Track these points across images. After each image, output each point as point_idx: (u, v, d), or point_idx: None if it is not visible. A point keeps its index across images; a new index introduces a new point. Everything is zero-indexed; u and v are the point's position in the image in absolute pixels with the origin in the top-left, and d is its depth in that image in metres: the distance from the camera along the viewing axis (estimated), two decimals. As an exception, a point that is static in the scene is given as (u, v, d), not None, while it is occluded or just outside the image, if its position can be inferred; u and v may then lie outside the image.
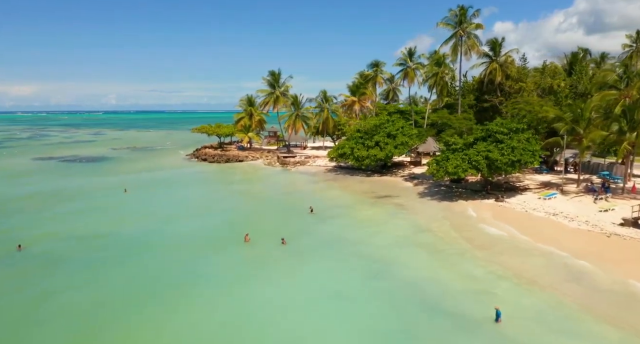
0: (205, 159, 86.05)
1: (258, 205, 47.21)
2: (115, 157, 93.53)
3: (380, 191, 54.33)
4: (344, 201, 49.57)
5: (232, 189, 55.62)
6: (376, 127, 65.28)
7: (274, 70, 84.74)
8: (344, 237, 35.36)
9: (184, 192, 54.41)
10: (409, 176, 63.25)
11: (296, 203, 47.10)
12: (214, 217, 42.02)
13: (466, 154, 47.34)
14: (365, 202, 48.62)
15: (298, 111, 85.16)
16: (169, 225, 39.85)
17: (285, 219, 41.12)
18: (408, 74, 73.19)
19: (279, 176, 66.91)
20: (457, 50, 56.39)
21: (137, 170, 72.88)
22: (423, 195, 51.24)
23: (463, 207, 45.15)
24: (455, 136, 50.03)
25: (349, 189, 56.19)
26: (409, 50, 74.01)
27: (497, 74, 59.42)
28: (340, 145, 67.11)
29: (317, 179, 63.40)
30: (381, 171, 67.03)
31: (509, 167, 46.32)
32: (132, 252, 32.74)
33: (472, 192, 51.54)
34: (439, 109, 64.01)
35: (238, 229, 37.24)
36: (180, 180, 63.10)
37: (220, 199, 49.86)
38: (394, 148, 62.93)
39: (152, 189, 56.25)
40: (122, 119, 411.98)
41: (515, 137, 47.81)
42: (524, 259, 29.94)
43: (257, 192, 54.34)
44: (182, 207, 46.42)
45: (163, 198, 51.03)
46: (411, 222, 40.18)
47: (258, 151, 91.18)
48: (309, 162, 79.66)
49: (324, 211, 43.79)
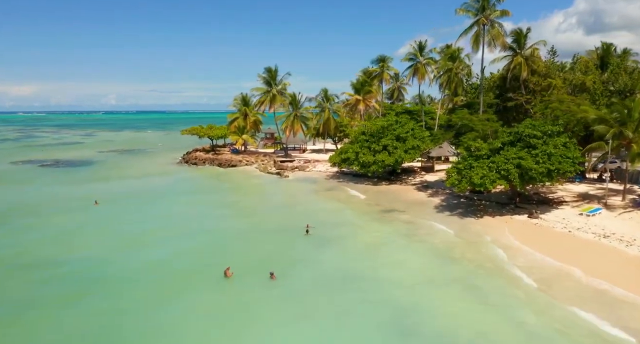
0: (196, 164, 78.79)
1: (246, 223, 39.85)
2: (99, 161, 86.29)
3: (389, 203, 47.02)
4: (347, 216, 42.25)
5: (219, 202, 48.24)
6: (383, 129, 58.01)
7: (270, 67, 77.48)
8: (348, 270, 28.02)
9: (163, 205, 47.09)
10: (421, 184, 55.89)
11: (291, 220, 39.81)
12: (193, 240, 34.68)
13: (493, 162, 40.00)
14: (372, 218, 41.29)
15: (296, 110, 77.73)
16: (136, 251, 32.59)
17: (277, 243, 33.77)
18: (418, 70, 65.91)
19: (274, 185, 59.57)
20: (479, 41, 49.13)
21: (117, 177, 65.60)
22: (440, 209, 43.87)
23: (491, 225, 37.79)
24: (478, 140, 42.72)
25: (352, 201, 48.86)
26: (419, 44, 66.80)
27: (523, 69, 52.00)
28: (343, 149, 59.82)
29: (316, 188, 56.06)
30: (389, 178, 59.70)
31: (544, 177, 39.04)
32: (79, 290, 25.56)
33: (498, 205, 44.20)
34: (458, 109, 56.59)
35: (219, 258, 30.09)
36: (162, 190, 55.78)
37: (203, 215, 42.52)
38: (404, 153, 55.63)
39: (128, 201, 48.95)
40: (121, 119, 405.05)
41: (550, 142, 40.52)
42: (596, 307, 22.53)
43: (247, 205, 46.95)
44: (156, 226, 39.08)
45: (137, 213, 43.72)
46: (430, 247, 32.80)
47: (253, 154, 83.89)
48: (309, 167, 72.37)
49: (324, 230, 36.50)
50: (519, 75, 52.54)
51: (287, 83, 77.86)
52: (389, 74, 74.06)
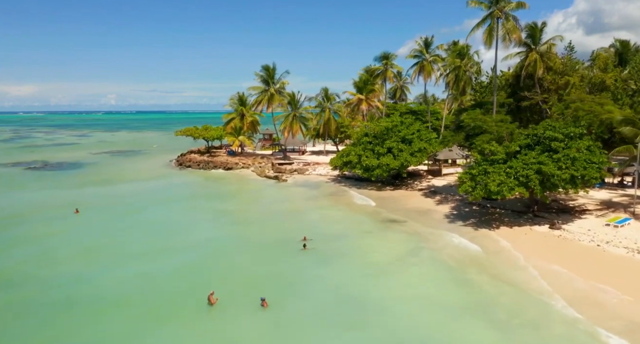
0: (190, 166, 74.97)
1: (238, 235, 36.11)
2: (89, 163, 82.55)
3: (394, 210, 43.28)
4: (348, 226, 38.49)
5: (210, 210, 44.45)
6: (388, 131, 54.28)
7: (268, 64, 73.61)
8: (350, 297, 24.21)
9: (149, 214, 43.31)
10: (428, 189, 52.13)
11: (288, 231, 36.08)
12: (176, 257, 30.93)
13: (511, 167, 36.25)
14: (376, 229, 37.53)
15: (295, 111, 73.96)
16: (111, 268, 28.86)
17: (271, 261, 30.00)
18: (424, 68, 62.16)
19: (271, 190, 55.80)
20: (493, 36, 45.30)
21: (105, 181, 61.85)
22: (451, 218, 40.12)
23: (509, 238, 34.05)
24: (493, 142, 38.97)
25: (355, 208, 45.12)
26: (425, 40, 62.99)
27: (538, 67, 48.19)
28: (345, 151, 56.06)
29: (316, 194, 52.30)
30: (394, 182, 56.00)
31: (567, 184, 35.30)
32: (37, 317, 21.91)
33: (514, 214, 40.46)
34: (469, 109, 52.76)
35: (204, 277, 26.50)
36: (151, 196, 52.00)
37: (192, 226, 38.74)
38: (410, 156, 51.86)
39: (112, 209, 45.21)
40: (119, 119, 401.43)
41: (573, 145, 36.78)
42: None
43: (240, 214, 43.16)
44: (138, 239, 35.37)
45: (119, 223, 39.96)
46: (443, 265, 29.01)
47: (250, 156, 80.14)
48: (308, 170, 68.64)
49: (323, 244, 32.79)
50: (534, 73, 48.74)
51: (285, 82, 74.15)
52: (393, 72, 70.27)
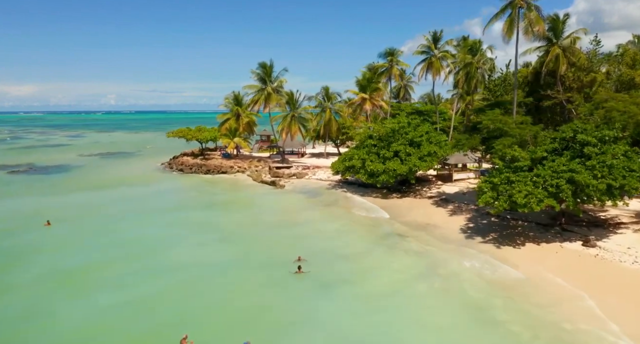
0: (182, 170, 70.46)
1: (223, 256, 31.44)
2: (76, 166, 78.05)
3: (402, 223, 38.80)
4: (349, 243, 33.87)
5: (196, 223, 39.79)
6: (394, 133, 49.76)
7: (265, 62, 68.80)
8: (351, 339, 19.69)
9: (127, 227, 38.66)
10: (439, 196, 47.57)
11: (281, 249, 31.64)
12: (149, 285, 26.39)
13: (538, 176, 31.71)
14: (381, 247, 32.88)
15: (294, 111, 69.34)
16: (71, 299, 24.47)
17: (259, 290, 25.41)
18: (433, 65, 57.48)
19: (267, 198, 51.23)
20: (514, 27, 40.64)
21: (88, 187, 57.33)
22: (468, 233, 35.57)
23: (538, 258, 29.53)
24: (515, 147, 34.46)
25: (357, 220, 40.48)
26: (433, 34, 58.30)
27: (561, 63, 43.63)
28: (347, 155, 51.51)
29: (315, 203, 47.71)
30: (400, 188, 51.46)
31: (604, 195, 30.75)
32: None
33: (539, 227, 35.94)
34: (486, 109, 48.12)
35: (177, 315, 22.01)
36: (133, 204, 47.42)
37: (172, 244, 34.05)
38: (418, 160, 47.36)
39: (88, 221, 40.75)
40: (118, 119, 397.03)
41: (608, 151, 32.22)
42: None
43: (229, 228, 38.51)
44: (109, 260, 30.79)
45: (92, 239, 35.44)
46: (462, 297, 24.23)
47: (247, 159, 75.60)
48: (308, 174, 64.14)
49: (320, 265, 28.41)
50: (557, 69, 44.17)
51: (283, 80, 69.49)
52: (399, 70, 65.60)
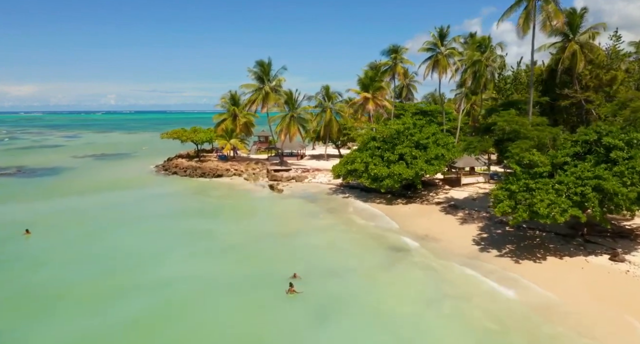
0: (176, 173, 67.52)
1: (212, 271, 28.45)
2: (67, 168, 75.15)
3: (409, 233, 35.80)
4: (349, 256, 30.90)
5: (185, 232, 36.77)
6: (399, 134, 46.88)
7: (262, 60, 65.92)
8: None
9: (112, 237, 35.75)
10: (447, 203, 44.64)
11: (275, 263, 28.85)
12: (125, 306, 23.53)
13: (561, 183, 28.79)
14: (384, 262, 29.91)
15: (293, 111, 66.34)
16: (41, 322, 21.61)
17: (247, 314, 22.51)
18: (439, 63, 54.54)
19: (264, 203, 48.33)
20: (530, 20, 37.54)
21: (76, 191, 54.45)
22: (481, 245, 32.64)
23: (562, 275, 26.66)
24: (533, 150, 31.55)
25: (359, 230, 37.49)
26: (439, 31, 55.35)
27: (579, 59, 40.69)
28: (349, 158, 48.57)
29: (314, 209, 44.74)
30: (405, 193, 48.53)
31: (634, 204, 27.88)
32: None
33: (559, 238, 33.05)
34: (499, 109, 45.08)
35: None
36: (121, 211, 44.44)
37: (158, 257, 31.11)
38: (425, 164, 44.48)
39: (71, 229, 37.87)
40: (117, 119, 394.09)
41: (637, 155, 29.32)
42: None
43: (221, 238, 35.44)
44: (92, 274, 28.00)
45: (73, 250, 32.59)
46: (476, 328, 21.27)
47: (244, 161, 72.69)
48: (307, 177, 61.22)
49: (317, 283, 25.65)
50: (574, 67, 41.21)
51: (282, 79, 66.57)
52: (403, 68, 62.57)
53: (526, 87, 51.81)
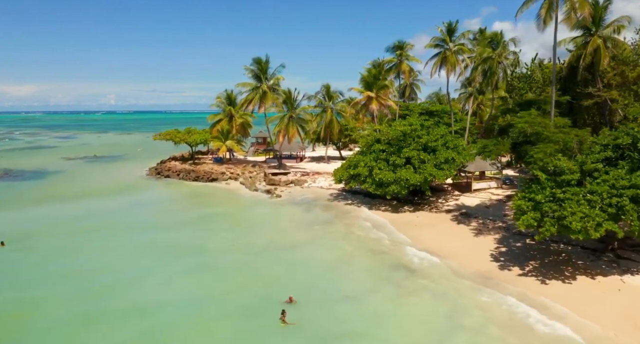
0: (169, 176, 64.17)
1: (198, 292, 25.07)
2: (56, 171, 71.87)
3: (417, 247, 32.34)
4: (352, 276, 27.40)
5: (171, 246, 33.11)
6: (405, 136, 43.50)
7: (260, 57, 62.47)
8: None
9: (92, 249, 32.48)
10: (458, 210, 41.29)
11: (269, 284, 25.67)
12: (98, 338, 20.20)
13: (592, 192, 25.42)
14: (393, 282, 26.45)
15: (292, 111, 62.94)
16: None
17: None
18: (447, 60, 51.15)
19: (259, 211, 44.90)
20: (553, 11, 33.94)
21: (61, 197, 51.14)
22: (500, 260, 29.27)
23: (596, 299, 23.29)
24: (559, 155, 28.19)
25: (362, 243, 33.94)
26: (448, 26, 51.94)
27: (602, 56, 37.33)
28: (352, 161, 45.15)
29: (314, 218, 41.31)
30: (412, 200, 45.22)
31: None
32: None
33: (587, 253, 29.71)
34: (516, 109, 41.57)
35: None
36: (106, 220, 41.07)
37: (137, 276, 27.67)
38: (434, 168, 41.12)
39: (48, 242, 34.61)
40: (116, 119, 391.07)
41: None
42: None
43: (212, 251, 32.01)
44: (57, 297, 24.74)
45: (45, 266, 29.33)
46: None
47: (241, 163, 69.38)
48: (307, 181, 57.88)
49: (315, 310, 22.53)
50: (598, 63, 37.83)
51: (280, 77, 63.14)
52: (409, 66, 59.10)
53: (541, 85, 48.45)
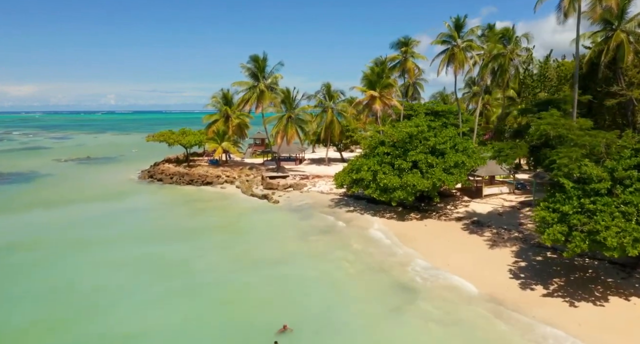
0: (161, 180, 61.15)
1: (181, 318, 21.95)
2: (44, 174, 68.87)
3: (427, 262, 29.28)
4: (354, 300, 24.18)
5: (157, 261, 29.86)
6: (411, 138, 40.54)
7: (257, 55, 59.43)
8: None
9: (64, 266, 29.40)
10: (469, 218, 38.29)
11: (260, 307, 22.62)
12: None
13: (627, 203, 22.43)
14: (399, 304, 23.33)
15: (291, 111, 59.91)
16: None
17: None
18: (455, 57, 48.12)
19: (255, 219, 41.87)
20: (576, 1, 31.07)
21: (44, 203, 48.18)
22: (520, 278, 26.24)
23: (635, 323, 20.23)
24: (586, 160, 25.20)
25: (365, 255, 30.86)
26: (455, 21, 48.88)
27: (627, 51, 34.37)
28: (354, 164, 42.10)
29: (313, 227, 38.13)
30: (419, 206, 42.26)
31: None
32: None
33: (616, 268, 26.66)
34: (535, 109, 38.40)
35: None
36: (85, 230, 37.82)
37: (117, 296, 24.57)
38: (443, 173, 38.13)
39: (17, 256, 31.58)
40: (115, 119, 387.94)
41: None
42: None
43: (199, 267, 28.63)
44: (19, 319, 21.72)
45: (12, 284, 26.30)
46: None
47: (237, 166, 66.41)
48: (306, 185, 54.93)
49: (311, 340, 19.32)
50: (621, 59, 34.85)
51: (278, 76, 60.08)
52: (414, 63, 56.03)
53: (556, 84, 45.40)
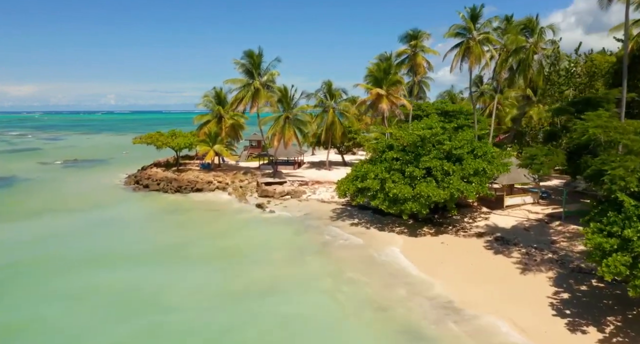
0: (148, 186, 56.16)
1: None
2: (24, 179, 64.01)
3: (444, 295, 24.33)
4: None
5: (124, 289, 24.94)
6: (423, 141, 35.64)
7: (252, 50, 54.43)
8: None
9: (17, 294, 24.63)
10: (491, 233, 33.37)
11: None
12: None
13: None
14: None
15: (288, 111, 54.87)
16: None
17: None
18: (470, 50, 43.14)
19: (246, 234, 36.82)
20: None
21: (15, 214, 43.30)
22: (566, 315, 21.31)
23: None
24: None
25: (368, 286, 25.86)
26: (471, 11, 43.86)
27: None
28: (359, 171, 37.03)
29: (312, 245, 33.11)
30: (432, 218, 37.36)
31: None
32: None
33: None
34: (572, 109, 33.29)
35: None
36: (48, 249, 32.56)
37: (79, 337, 19.97)
38: (462, 182, 33.18)
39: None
40: (113, 119, 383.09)
41: None
42: None
43: (170, 302, 23.55)
44: None
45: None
46: None
47: (232, 170, 61.50)
48: (305, 192, 50.11)
49: None
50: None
51: (275, 73, 55.07)
52: (425, 58, 51.01)
53: (585, 82, 40.47)
